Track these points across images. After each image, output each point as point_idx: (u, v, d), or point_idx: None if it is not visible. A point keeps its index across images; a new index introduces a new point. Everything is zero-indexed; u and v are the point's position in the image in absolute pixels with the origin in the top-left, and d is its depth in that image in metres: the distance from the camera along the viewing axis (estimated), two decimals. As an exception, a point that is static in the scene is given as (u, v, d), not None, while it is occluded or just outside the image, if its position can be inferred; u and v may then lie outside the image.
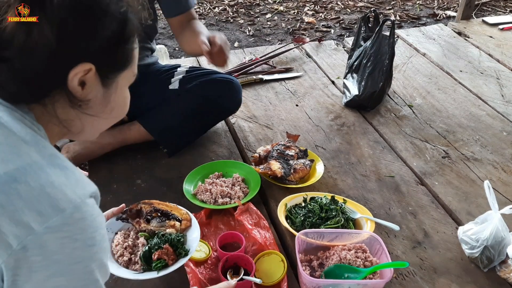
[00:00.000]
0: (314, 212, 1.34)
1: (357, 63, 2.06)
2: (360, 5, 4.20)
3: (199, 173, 1.56)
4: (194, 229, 1.20)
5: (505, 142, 1.86)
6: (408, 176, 1.64)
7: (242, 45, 3.52)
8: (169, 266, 1.11)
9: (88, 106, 0.69)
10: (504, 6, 4.10)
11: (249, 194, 1.48)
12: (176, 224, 1.19)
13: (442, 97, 2.18)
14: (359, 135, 1.87)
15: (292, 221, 1.35)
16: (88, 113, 0.70)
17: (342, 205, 1.39)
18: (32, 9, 0.60)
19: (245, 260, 1.20)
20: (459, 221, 1.45)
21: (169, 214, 1.22)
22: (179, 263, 1.11)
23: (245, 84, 2.22)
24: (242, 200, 1.43)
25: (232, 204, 1.42)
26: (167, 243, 1.13)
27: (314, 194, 1.44)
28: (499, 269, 1.25)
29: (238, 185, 1.51)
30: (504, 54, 2.60)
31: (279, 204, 1.39)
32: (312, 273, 1.19)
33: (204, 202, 1.44)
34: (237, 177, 1.54)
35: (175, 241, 1.14)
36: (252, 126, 1.91)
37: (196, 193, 1.47)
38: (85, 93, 0.67)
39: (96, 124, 0.74)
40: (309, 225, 1.31)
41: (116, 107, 0.74)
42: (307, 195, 1.43)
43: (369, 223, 1.34)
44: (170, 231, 1.17)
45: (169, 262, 1.11)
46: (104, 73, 0.68)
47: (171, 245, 1.13)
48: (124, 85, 0.74)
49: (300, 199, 1.43)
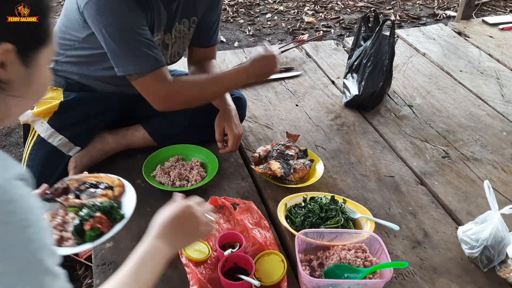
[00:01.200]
0: (314, 212, 1.34)
1: (357, 63, 2.06)
2: (360, 5, 4.20)
3: (159, 156, 1.60)
4: (129, 194, 1.16)
5: (505, 142, 1.86)
6: (408, 176, 1.64)
7: (242, 44, 3.52)
8: (104, 234, 1.05)
9: (11, 87, 0.67)
10: (504, 6, 4.10)
11: (205, 178, 1.52)
12: (108, 193, 1.14)
13: (442, 97, 2.18)
14: (359, 135, 1.87)
15: (292, 221, 1.34)
16: (13, 95, 0.68)
17: (342, 205, 1.39)
18: None
19: (245, 260, 1.20)
20: (459, 221, 1.45)
21: (98, 184, 1.17)
22: (115, 229, 1.06)
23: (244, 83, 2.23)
24: (197, 184, 1.48)
25: (189, 187, 1.47)
26: (98, 212, 1.06)
27: (314, 194, 1.44)
28: (499, 269, 1.25)
29: (196, 169, 1.55)
30: (504, 54, 2.60)
31: (279, 204, 1.39)
32: (312, 273, 1.19)
33: (162, 184, 1.49)
34: (196, 161, 1.58)
35: (108, 207, 1.08)
36: (252, 126, 1.91)
37: (155, 175, 1.52)
38: (7, 74, 0.65)
39: (22, 105, 0.73)
40: (309, 225, 1.31)
41: (40, 86, 0.73)
42: (307, 195, 1.43)
43: (369, 223, 1.34)
44: (103, 200, 1.11)
45: (104, 230, 1.05)
46: (24, 52, 0.66)
47: (104, 212, 1.07)
48: (45, 63, 0.72)
49: (300, 199, 1.43)
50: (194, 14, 1.55)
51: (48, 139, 1.47)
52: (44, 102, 1.50)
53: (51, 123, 1.48)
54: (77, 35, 1.41)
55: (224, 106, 1.60)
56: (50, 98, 1.52)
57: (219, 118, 1.60)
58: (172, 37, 1.52)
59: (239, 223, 1.37)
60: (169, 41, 1.52)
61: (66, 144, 1.49)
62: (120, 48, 1.30)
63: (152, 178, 1.51)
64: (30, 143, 1.49)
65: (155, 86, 1.37)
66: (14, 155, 2.46)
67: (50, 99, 1.51)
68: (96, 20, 1.27)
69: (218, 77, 1.53)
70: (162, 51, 1.50)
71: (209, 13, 1.60)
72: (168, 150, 1.63)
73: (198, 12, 1.56)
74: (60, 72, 1.53)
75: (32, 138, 1.49)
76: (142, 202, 1.46)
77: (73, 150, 1.51)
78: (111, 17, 1.27)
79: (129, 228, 1.35)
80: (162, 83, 1.37)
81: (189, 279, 1.17)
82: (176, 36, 1.54)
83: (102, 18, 1.27)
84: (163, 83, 1.37)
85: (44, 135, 1.47)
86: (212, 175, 1.53)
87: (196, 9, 1.55)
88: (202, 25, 1.61)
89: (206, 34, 1.65)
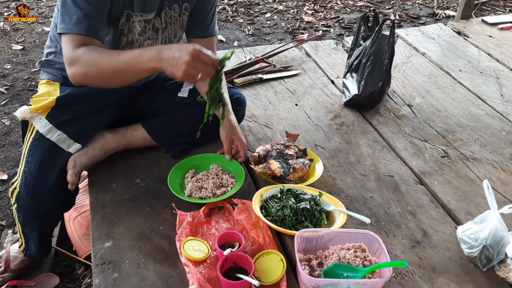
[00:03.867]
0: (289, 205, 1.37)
1: (357, 62, 2.06)
2: (360, 4, 4.20)
3: (175, 176, 1.54)
4: None
5: (504, 141, 1.86)
6: (407, 175, 1.65)
7: (241, 44, 3.52)
8: None
9: None
10: (504, 5, 4.10)
11: (237, 175, 1.53)
12: None
13: (441, 97, 2.18)
14: (358, 135, 1.87)
15: (267, 212, 1.38)
16: None
17: (317, 197, 1.42)
18: None
19: (244, 260, 1.20)
20: (458, 220, 1.45)
21: None
22: None
23: (244, 83, 2.23)
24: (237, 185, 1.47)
25: (231, 191, 1.45)
26: None
27: (291, 186, 1.47)
28: (498, 268, 1.26)
29: (222, 173, 1.54)
30: (503, 54, 2.61)
31: (255, 194, 1.40)
32: (311, 272, 1.19)
33: (203, 198, 1.44)
34: (215, 167, 1.57)
35: None
36: (252, 126, 1.91)
37: (191, 194, 1.46)
38: None
39: None
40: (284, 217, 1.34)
41: None
42: (284, 187, 1.45)
43: (341, 215, 1.36)
44: None
45: None
46: None
47: None
48: None
49: (277, 190, 1.45)
50: (186, 1, 1.54)
51: (46, 134, 1.46)
52: (41, 99, 1.49)
53: (49, 119, 1.47)
54: None
55: (228, 118, 1.59)
56: (46, 93, 1.51)
57: (226, 131, 1.59)
58: (162, 21, 1.51)
59: (238, 223, 1.37)
60: (159, 25, 1.51)
61: (65, 140, 1.49)
62: (62, 6, 1.29)
63: (189, 197, 1.45)
64: (29, 140, 1.49)
65: (66, 48, 1.30)
66: (13, 154, 2.46)
67: (47, 94, 1.51)
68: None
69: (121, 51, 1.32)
70: (153, 36, 1.50)
71: (203, 2, 1.58)
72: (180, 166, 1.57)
73: (191, 0, 1.55)
74: (57, 64, 1.53)
75: (30, 134, 1.49)
76: (142, 202, 1.46)
77: (73, 146, 1.51)
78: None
79: (128, 227, 1.36)
80: (73, 47, 1.28)
81: (188, 279, 1.17)
82: (166, 22, 1.53)
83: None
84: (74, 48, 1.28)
85: (43, 131, 1.46)
86: (241, 173, 1.53)
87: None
88: (196, 14, 1.59)
89: (201, 24, 1.63)
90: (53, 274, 1.75)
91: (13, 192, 1.48)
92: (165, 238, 1.32)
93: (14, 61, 3.37)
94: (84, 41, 1.29)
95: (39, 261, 1.77)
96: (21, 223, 1.54)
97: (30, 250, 1.64)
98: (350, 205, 1.48)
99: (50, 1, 4.37)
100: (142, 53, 1.21)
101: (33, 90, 3.04)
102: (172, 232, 1.33)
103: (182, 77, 1.16)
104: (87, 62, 1.26)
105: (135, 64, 1.22)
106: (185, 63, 1.14)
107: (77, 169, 1.50)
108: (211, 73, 1.19)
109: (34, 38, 3.69)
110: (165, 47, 1.19)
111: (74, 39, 1.29)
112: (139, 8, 1.42)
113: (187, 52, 1.14)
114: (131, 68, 1.24)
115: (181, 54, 1.15)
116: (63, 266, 1.84)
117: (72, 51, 1.28)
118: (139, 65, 1.22)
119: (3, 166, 2.38)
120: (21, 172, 1.46)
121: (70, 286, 1.76)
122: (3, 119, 2.74)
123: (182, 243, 1.25)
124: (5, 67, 3.28)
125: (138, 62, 1.22)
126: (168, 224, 1.37)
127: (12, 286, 1.69)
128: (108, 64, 1.25)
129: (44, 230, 1.61)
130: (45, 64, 1.57)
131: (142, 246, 1.30)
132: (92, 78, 1.29)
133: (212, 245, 1.29)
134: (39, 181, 1.44)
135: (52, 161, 1.47)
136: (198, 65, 1.15)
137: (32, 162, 1.45)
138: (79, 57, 1.27)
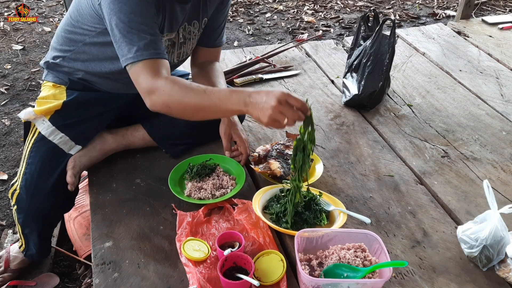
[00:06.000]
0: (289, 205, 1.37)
1: (357, 62, 2.06)
2: (360, 4, 4.20)
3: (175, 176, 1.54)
4: None
5: (504, 141, 1.86)
6: (408, 175, 1.65)
7: (241, 44, 3.52)
8: None
9: None
10: (504, 5, 4.10)
11: (237, 177, 1.53)
12: None
13: (441, 97, 2.18)
14: (358, 135, 1.87)
15: (267, 212, 1.39)
16: None
17: (317, 197, 1.41)
18: None
19: (244, 260, 1.20)
20: (458, 220, 1.45)
21: None
22: None
23: (245, 83, 2.23)
24: (237, 187, 1.47)
25: (230, 193, 1.45)
26: None
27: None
28: (498, 268, 1.26)
29: (222, 174, 1.54)
30: (503, 54, 2.61)
31: (255, 195, 1.40)
32: (311, 272, 1.19)
33: (202, 199, 1.44)
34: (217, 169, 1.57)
35: None
36: (252, 126, 1.91)
37: (190, 194, 1.46)
38: None
39: None
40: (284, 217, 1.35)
41: None
42: (284, 187, 1.45)
43: (341, 215, 1.36)
44: None
45: None
46: None
47: None
48: None
49: (277, 190, 1.45)
50: (205, 16, 1.54)
51: (48, 136, 1.47)
52: (47, 101, 1.49)
53: (52, 121, 1.47)
54: (89, 29, 1.39)
55: None
56: (52, 95, 1.51)
57: (224, 127, 1.58)
58: (179, 36, 1.50)
59: (238, 223, 1.37)
60: (176, 40, 1.50)
61: (67, 143, 1.49)
62: (124, 37, 1.27)
63: (188, 197, 1.45)
64: (30, 141, 1.49)
65: (143, 76, 1.28)
66: (13, 154, 2.46)
67: (52, 96, 1.50)
68: (109, 8, 1.25)
69: (207, 88, 1.28)
70: (169, 49, 1.49)
71: (217, 13, 1.59)
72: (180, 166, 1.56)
73: (209, 14, 1.55)
74: (65, 68, 1.51)
75: (32, 135, 1.49)
76: (142, 202, 1.47)
77: (74, 148, 1.51)
78: (124, 4, 1.24)
79: (128, 227, 1.36)
80: (151, 74, 1.27)
81: (188, 279, 1.17)
82: (185, 37, 1.52)
83: (115, 5, 1.24)
84: (152, 75, 1.27)
85: (45, 133, 1.46)
86: (241, 175, 1.52)
87: (208, 11, 1.54)
88: (208, 24, 1.60)
89: (211, 34, 1.63)
90: (53, 274, 1.76)
91: (13, 194, 1.48)
92: (165, 238, 1.32)
93: (14, 61, 3.37)
94: (157, 64, 1.28)
95: (39, 261, 1.77)
96: (21, 225, 1.54)
97: (30, 251, 1.64)
98: (350, 205, 1.48)
99: (50, 1, 4.37)
100: (231, 95, 1.22)
101: (33, 90, 3.04)
102: (172, 232, 1.33)
103: (267, 123, 1.16)
104: (170, 94, 1.26)
105: (222, 104, 1.24)
106: (271, 108, 1.14)
107: (77, 170, 1.50)
108: (299, 118, 1.18)
109: (34, 38, 3.69)
110: (254, 91, 1.20)
111: (148, 65, 1.27)
112: (167, 29, 1.42)
113: (274, 96, 1.14)
114: (216, 108, 1.25)
115: (268, 99, 1.15)
116: (63, 266, 1.84)
117: (151, 79, 1.26)
118: (225, 106, 1.23)
119: (3, 166, 2.38)
120: (21, 174, 1.46)
121: (70, 286, 1.76)
122: (3, 119, 2.74)
123: (182, 243, 1.25)
124: (5, 67, 3.28)
125: (225, 103, 1.23)
126: (168, 224, 1.37)
127: (12, 286, 1.69)
128: (193, 100, 1.26)
129: (44, 231, 1.61)
130: (52, 66, 1.54)
131: (142, 246, 1.30)
132: (173, 109, 1.30)
133: (212, 245, 1.29)
134: (40, 183, 1.44)
135: (53, 163, 1.47)
136: (284, 110, 1.14)
137: (33, 164, 1.45)
138: (160, 87, 1.26)
